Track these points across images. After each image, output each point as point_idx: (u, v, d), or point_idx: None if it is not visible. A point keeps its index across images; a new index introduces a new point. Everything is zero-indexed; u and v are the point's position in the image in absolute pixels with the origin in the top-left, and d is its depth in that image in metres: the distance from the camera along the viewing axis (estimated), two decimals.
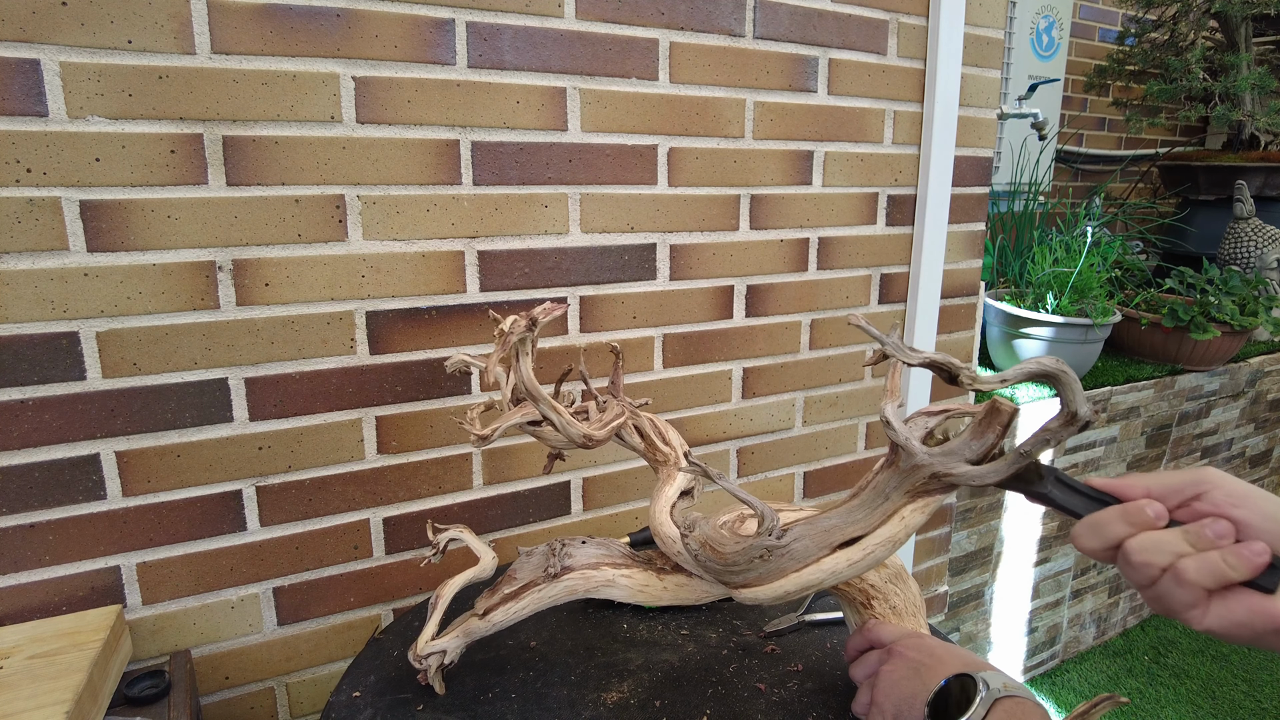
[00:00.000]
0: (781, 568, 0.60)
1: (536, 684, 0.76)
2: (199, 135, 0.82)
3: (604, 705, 0.72)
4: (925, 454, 0.55)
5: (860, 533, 0.59)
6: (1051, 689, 1.98)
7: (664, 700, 0.74)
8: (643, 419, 0.84)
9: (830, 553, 0.60)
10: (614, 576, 0.72)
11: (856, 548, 0.59)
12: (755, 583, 0.61)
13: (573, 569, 0.72)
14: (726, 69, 1.11)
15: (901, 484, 0.58)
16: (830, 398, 1.34)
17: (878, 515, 0.59)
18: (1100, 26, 2.89)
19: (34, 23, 0.74)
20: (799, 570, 0.60)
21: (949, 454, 0.55)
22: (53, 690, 0.70)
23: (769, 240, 1.21)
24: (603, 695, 0.74)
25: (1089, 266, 1.83)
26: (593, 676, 0.78)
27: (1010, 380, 0.51)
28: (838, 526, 0.60)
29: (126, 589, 0.87)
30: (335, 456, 0.95)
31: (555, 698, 0.74)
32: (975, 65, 1.35)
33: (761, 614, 0.90)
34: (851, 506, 0.60)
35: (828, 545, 0.60)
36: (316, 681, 1.00)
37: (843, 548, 0.60)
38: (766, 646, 0.83)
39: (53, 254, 0.78)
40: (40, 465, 0.81)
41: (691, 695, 0.75)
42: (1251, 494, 0.48)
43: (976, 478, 0.54)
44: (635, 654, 0.82)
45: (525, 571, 0.73)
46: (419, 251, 0.96)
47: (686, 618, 0.89)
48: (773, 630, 0.86)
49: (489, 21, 0.94)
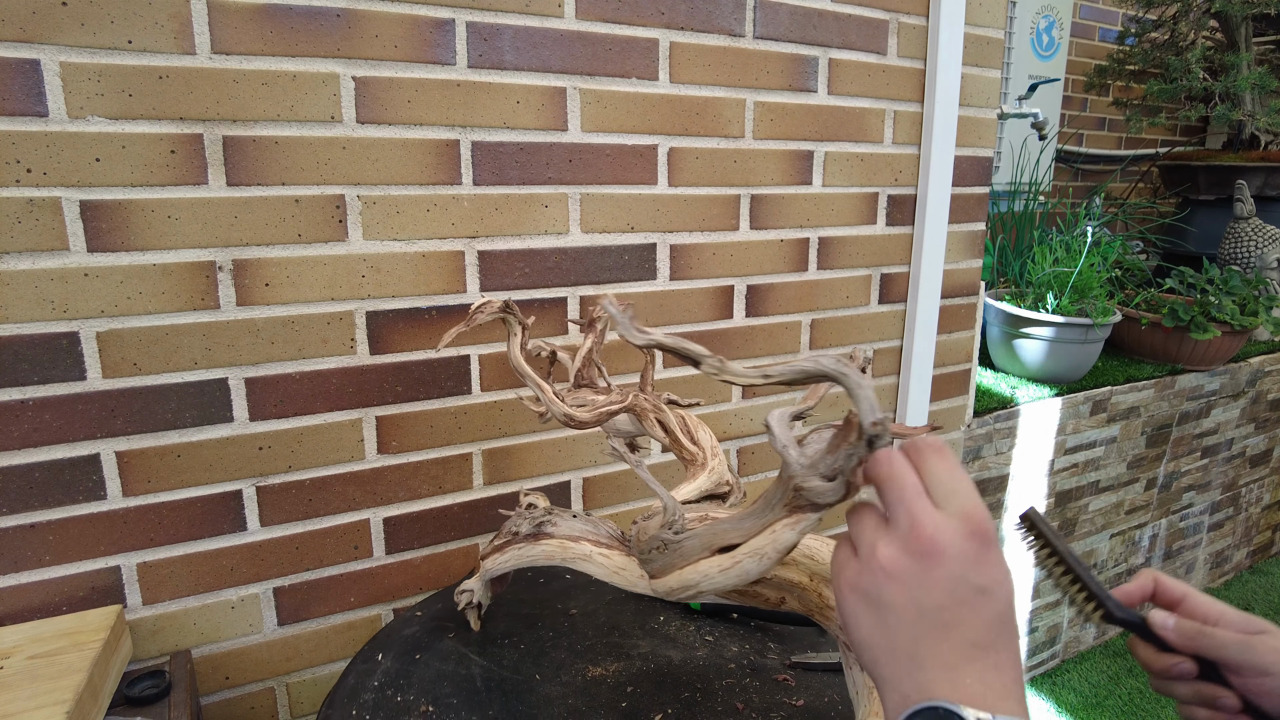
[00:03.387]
0: (672, 563, 0.60)
1: (545, 643, 0.83)
2: (199, 135, 0.82)
3: (583, 676, 0.77)
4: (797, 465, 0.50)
5: (738, 540, 0.57)
6: (1052, 689, 1.98)
7: (637, 688, 0.75)
8: (669, 414, 0.83)
9: (709, 556, 0.58)
10: (592, 552, 0.72)
11: (728, 556, 0.57)
12: (655, 574, 0.63)
13: (553, 536, 0.74)
14: (726, 69, 1.11)
15: (782, 496, 0.53)
16: (830, 398, 1.34)
17: (758, 526, 0.56)
18: (1100, 26, 2.89)
19: (34, 23, 0.74)
20: (681, 569, 0.59)
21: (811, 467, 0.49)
22: (53, 690, 0.70)
23: (769, 240, 1.21)
24: (589, 668, 0.78)
25: (1089, 266, 1.83)
26: (594, 650, 0.81)
27: (775, 377, 0.48)
28: (725, 531, 0.58)
29: (127, 589, 0.87)
30: (335, 456, 0.95)
31: (551, 658, 0.80)
32: (975, 65, 1.35)
33: (802, 643, 0.88)
34: (743, 514, 0.58)
35: (710, 548, 0.58)
36: (317, 681, 1.00)
37: (721, 553, 0.58)
38: (781, 675, 0.80)
39: (53, 254, 0.78)
40: (40, 465, 0.81)
41: (664, 692, 0.75)
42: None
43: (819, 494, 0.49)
44: (646, 643, 0.83)
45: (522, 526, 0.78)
46: (419, 251, 0.96)
47: (725, 627, 0.89)
48: (799, 661, 0.82)
49: (489, 21, 0.94)
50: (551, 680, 0.76)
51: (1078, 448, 1.89)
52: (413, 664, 0.78)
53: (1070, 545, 0.58)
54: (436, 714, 0.71)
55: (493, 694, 0.74)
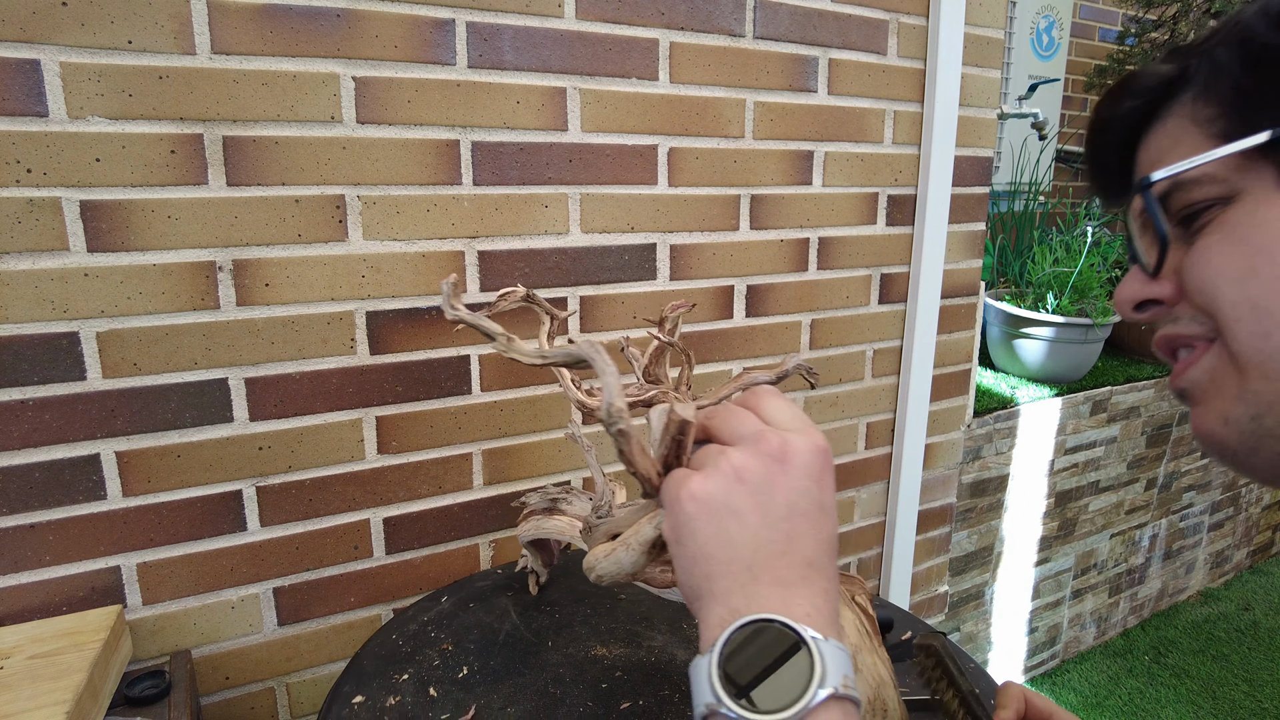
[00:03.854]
0: (590, 544, 0.61)
1: (576, 618, 0.89)
2: (199, 135, 0.82)
3: (586, 653, 0.83)
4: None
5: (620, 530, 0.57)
6: (1052, 689, 1.98)
7: (626, 675, 0.78)
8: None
9: (603, 542, 0.59)
10: None
11: (610, 543, 0.58)
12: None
13: (565, 514, 0.78)
14: (727, 69, 1.11)
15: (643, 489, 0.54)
16: (830, 398, 1.34)
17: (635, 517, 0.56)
18: (1100, 26, 2.89)
19: (34, 23, 0.74)
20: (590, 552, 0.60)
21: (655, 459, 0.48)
22: (53, 690, 0.70)
23: (769, 240, 1.21)
24: (596, 648, 0.83)
25: (1089, 266, 1.83)
26: (611, 634, 0.86)
27: (550, 358, 0.50)
28: (619, 520, 0.58)
29: (127, 589, 0.87)
30: (335, 456, 0.95)
31: (571, 632, 0.86)
32: (975, 65, 1.35)
33: None
34: (640, 505, 0.58)
35: (608, 535, 0.59)
36: (317, 682, 1.00)
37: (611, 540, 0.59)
38: None
39: (53, 254, 0.78)
40: (40, 465, 0.81)
41: (647, 685, 0.77)
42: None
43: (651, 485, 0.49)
44: (662, 638, 0.85)
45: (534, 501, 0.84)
46: (419, 251, 0.96)
47: None
48: None
49: (489, 21, 0.94)
50: (558, 650, 0.83)
51: (1078, 448, 1.89)
52: (464, 610, 0.91)
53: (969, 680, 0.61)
54: (452, 653, 0.82)
55: (504, 648, 0.83)
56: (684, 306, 0.74)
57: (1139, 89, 0.46)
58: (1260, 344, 0.39)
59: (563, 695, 0.75)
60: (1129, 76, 0.47)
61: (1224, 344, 0.41)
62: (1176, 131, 0.43)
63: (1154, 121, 0.45)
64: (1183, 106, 0.43)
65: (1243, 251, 0.39)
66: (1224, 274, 0.40)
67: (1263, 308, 0.38)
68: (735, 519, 0.39)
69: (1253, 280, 0.39)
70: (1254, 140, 0.38)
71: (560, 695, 0.75)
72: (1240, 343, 0.40)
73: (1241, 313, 0.39)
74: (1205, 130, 0.41)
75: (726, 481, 0.40)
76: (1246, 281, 0.39)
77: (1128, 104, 0.46)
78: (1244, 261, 0.39)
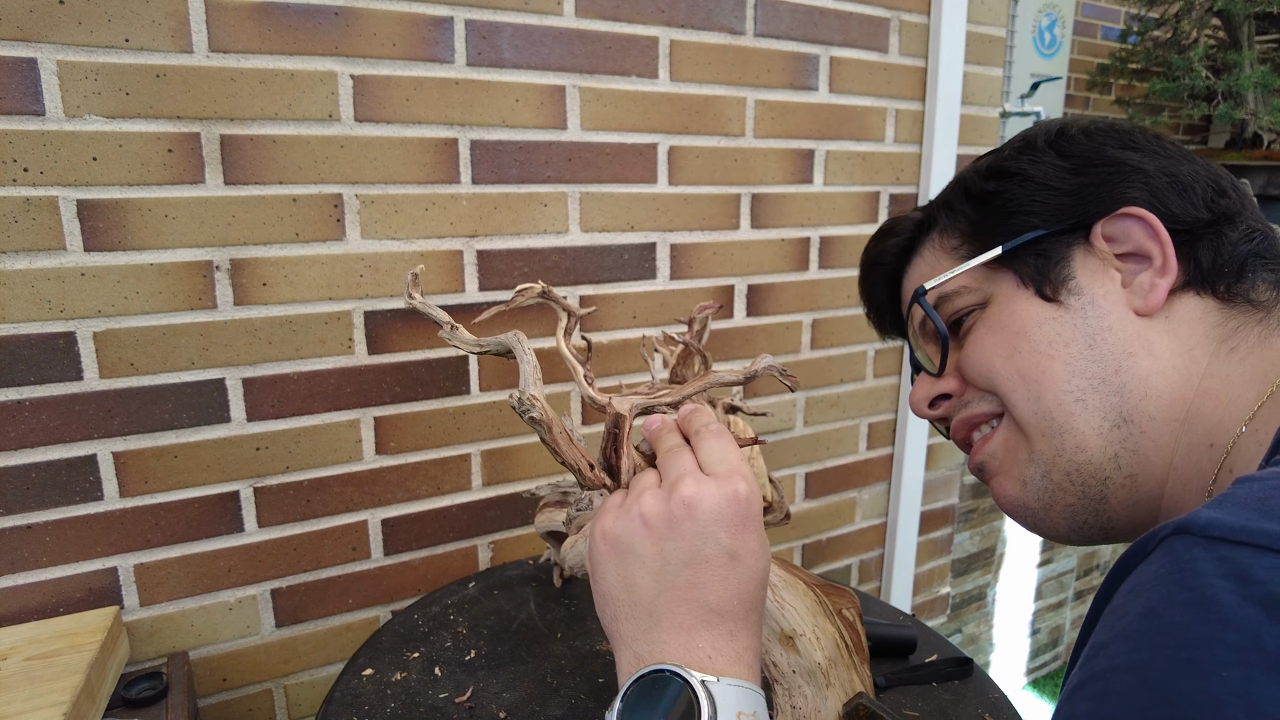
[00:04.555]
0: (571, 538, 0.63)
1: (592, 613, 0.88)
2: (196, 134, 0.82)
3: (591, 647, 0.83)
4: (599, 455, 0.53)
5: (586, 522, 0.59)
6: (1054, 690, 1.98)
7: None
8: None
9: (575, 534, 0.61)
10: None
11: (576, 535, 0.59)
12: None
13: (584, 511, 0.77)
14: (727, 67, 1.11)
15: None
16: (831, 398, 1.33)
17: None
18: (1103, 24, 2.88)
19: (31, 21, 0.74)
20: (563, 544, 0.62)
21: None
22: (50, 692, 0.69)
23: (770, 239, 1.21)
24: (602, 644, 0.84)
25: None
26: None
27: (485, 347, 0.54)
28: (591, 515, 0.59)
29: (124, 590, 0.87)
30: (333, 457, 0.95)
31: (582, 626, 0.87)
32: (977, 63, 1.34)
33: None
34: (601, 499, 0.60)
35: (579, 527, 0.60)
36: (315, 683, 0.99)
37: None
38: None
39: (50, 254, 0.78)
40: (37, 466, 0.81)
41: None
42: None
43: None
44: None
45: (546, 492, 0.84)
46: (417, 251, 0.95)
47: None
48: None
49: (488, 19, 0.94)
50: (566, 642, 0.84)
51: None
52: (488, 597, 0.93)
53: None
54: (465, 635, 0.84)
55: (515, 636, 0.85)
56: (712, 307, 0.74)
57: (899, 229, 0.59)
58: (1034, 407, 0.47)
59: (559, 686, 0.76)
60: (889, 222, 0.60)
61: (1009, 417, 0.49)
62: (932, 259, 0.56)
63: (913, 255, 0.58)
64: (933, 241, 0.56)
65: (1004, 336, 0.49)
66: (995, 354, 0.49)
67: (1030, 377, 0.47)
68: (638, 563, 0.42)
69: (1016, 356, 0.48)
70: (991, 254, 0.50)
71: (556, 686, 0.76)
72: (1020, 409, 0.48)
73: (1015, 384, 0.48)
74: (954, 255, 0.54)
75: (634, 525, 0.43)
76: (1012, 357, 0.48)
77: (891, 241, 0.59)
78: (1007, 343, 0.49)
